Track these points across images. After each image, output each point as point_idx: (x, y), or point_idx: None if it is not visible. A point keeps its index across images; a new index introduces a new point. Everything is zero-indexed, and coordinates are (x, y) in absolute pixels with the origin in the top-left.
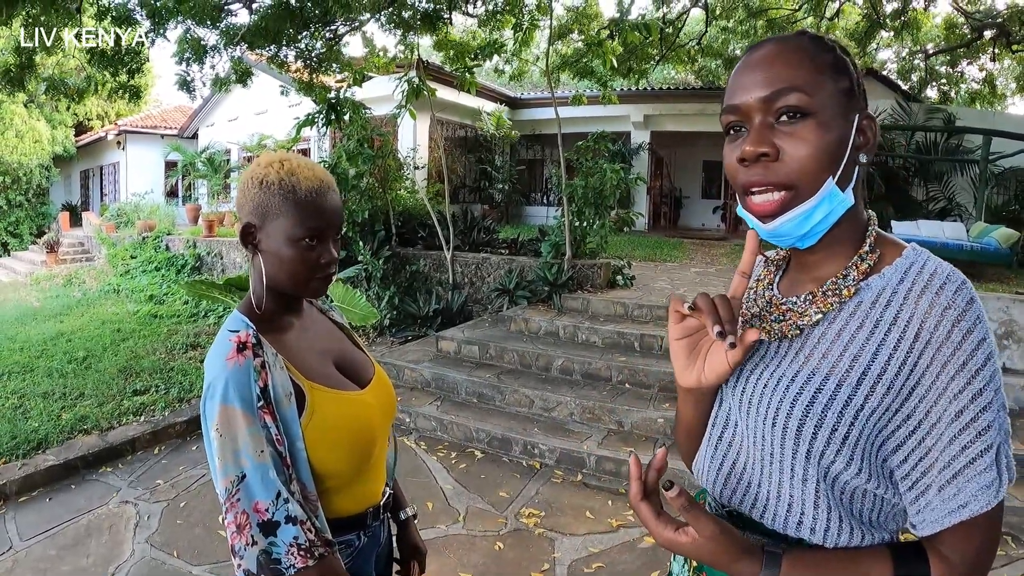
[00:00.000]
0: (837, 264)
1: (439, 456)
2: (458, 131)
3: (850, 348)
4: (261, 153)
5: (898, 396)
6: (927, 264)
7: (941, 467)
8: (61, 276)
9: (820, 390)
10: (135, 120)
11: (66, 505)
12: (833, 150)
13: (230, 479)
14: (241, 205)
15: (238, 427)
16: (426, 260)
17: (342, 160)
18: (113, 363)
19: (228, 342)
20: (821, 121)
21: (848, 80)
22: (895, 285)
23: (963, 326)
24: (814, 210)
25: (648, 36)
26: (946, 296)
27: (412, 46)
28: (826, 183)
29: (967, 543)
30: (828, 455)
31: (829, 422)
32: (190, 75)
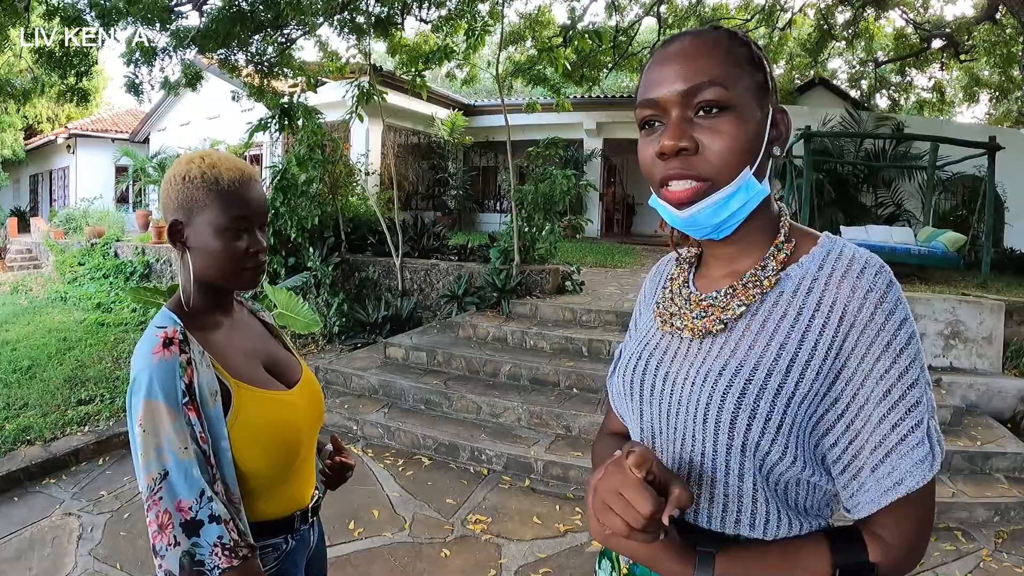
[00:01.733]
0: (753, 256)
1: (386, 464)
2: (411, 137)
3: (776, 337)
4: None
5: (826, 380)
6: (844, 250)
7: (873, 447)
8: (8, 283)
9: (750, 380)
10: (86, 123)
11: (8, 518)
12: (750, 142)
13: (152, 476)
14: (166, 204)
15: (162, 423)
16: (376, 267)
17: (292, 165)
18: (58, 372)
19: (155, 337)
20: (739, 114)
21: (763, 74)
22: (815, 272)
23: (885, 307)
24: (730, 198)
25: (600, 44)
26: (867, 279)
27: (365, 51)
28: (743, 173)
29: (903, 522)
30: (763, 445)
31: (762, 411)
32: (139, 77)
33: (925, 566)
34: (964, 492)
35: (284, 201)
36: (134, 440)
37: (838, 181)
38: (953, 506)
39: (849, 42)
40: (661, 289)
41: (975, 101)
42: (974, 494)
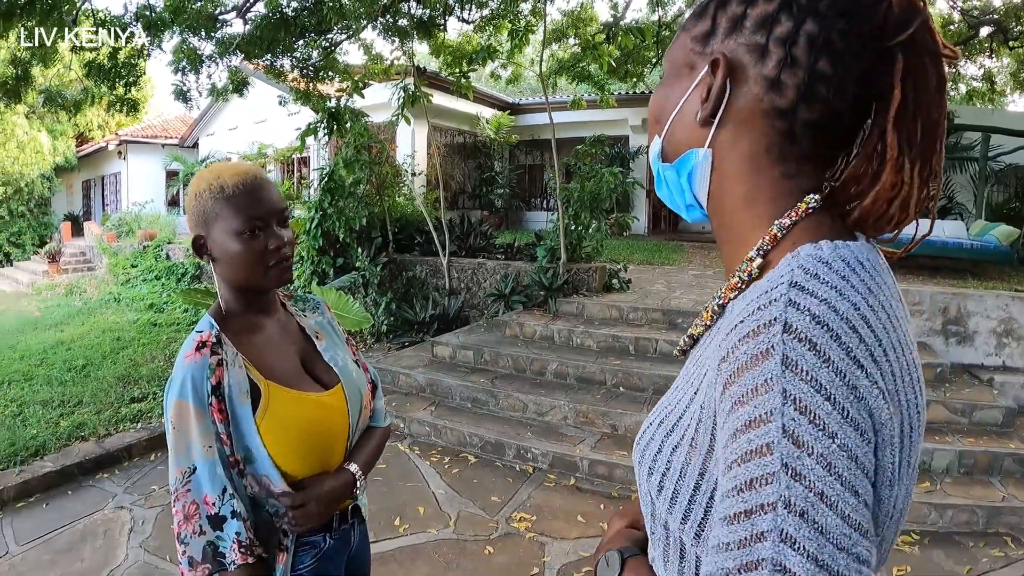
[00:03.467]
0: (736, 268)
1: (432, 461)
2: (456, 137)
3: (684, 386)
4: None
5: (702, 454)
6: (767, 283)
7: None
8: (62, 286)
9: (650, 426)
10: (136, 130)
11: (62, 511)
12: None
13: (182, 470)
14: (188, 223)
15: (190, 422)
16: (423, 266)
17: (339, 167)
18: (112, 371)
19: (191, 341)
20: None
21: (708, 22)
22: (734, 313)
23: (734, 391)
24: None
25: (643, 40)
26: (733, 337)
27: (409, 53)
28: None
29: None
30: (652, 496)
31: (646, 463)
32: (187, 85)
33: (973, 572)
34: (1015, 496)
35: (332, 202)
36: (168, 436)
37: None
38: (1003, 511)
39: None
40: None
41: None
42: None
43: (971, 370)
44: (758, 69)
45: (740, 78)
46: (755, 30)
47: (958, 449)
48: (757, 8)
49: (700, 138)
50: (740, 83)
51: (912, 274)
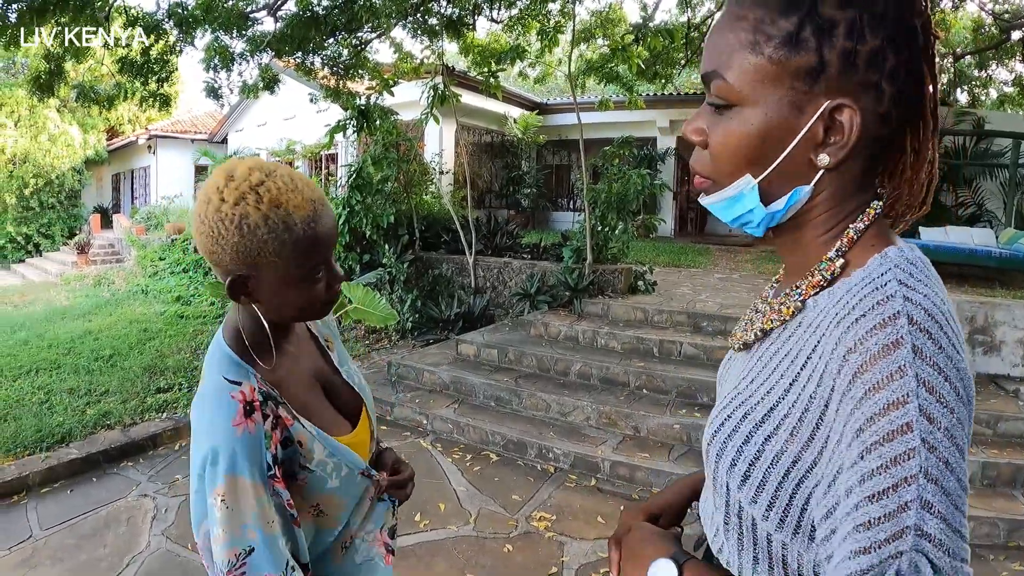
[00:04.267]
0: (803, 271)
1: (454, 458)
2: (484, 136)
3: (771, 378)
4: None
5: (805, 444)
6: (872, 279)
7: (842, 537)
8: (91, 277)
9: (730, 418)
10: (165, 125)
11: (86, 497)
12: (754, 146)
13: (235, 552)
14: (211, 251)
15: (247, 499)
16: (449, 264)
17: (367, 164)
18: (138, 361)
19: (232, 400)
20: (745, 111)
21: (810, 55)
22: (832, 307)
23: (867, 379)
24: (732, 202)
25: (672, 42)
26: (856, 333)
27: (438, 52)
28: (740, 180)
29: None
30: (732, 489)
31: (729, 455)
32: (218, 82)
33: None
34: None
35: (360, 199)
36: (211, 511)
37: None
38: None
39: None
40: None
41: None
42: None
43: (997, 380)
44: (873, 107)
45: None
46: (868, 67)
47: (982, 460)
48: (867, 44)
49: (807, 176)
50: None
51: None
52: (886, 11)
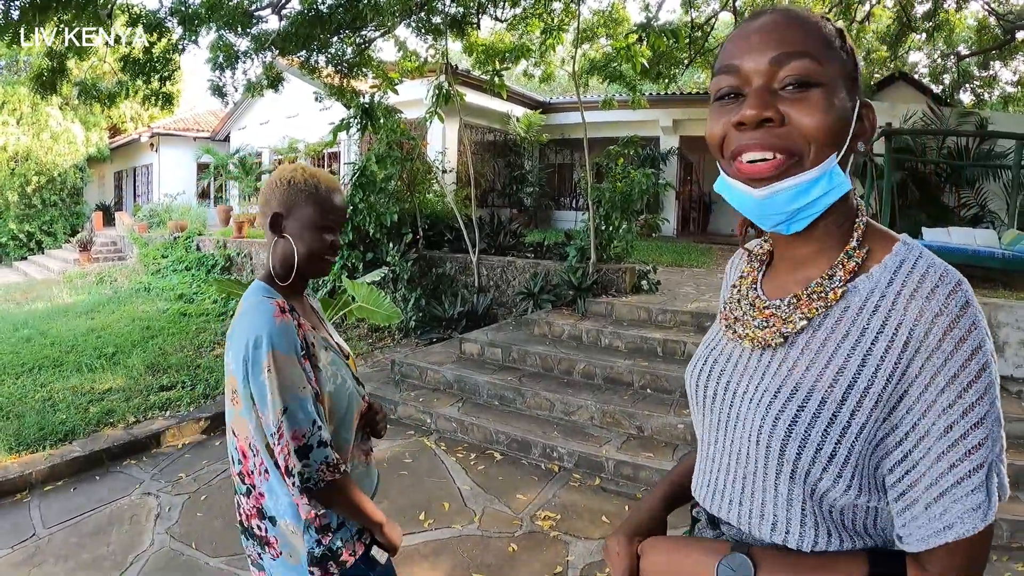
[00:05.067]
0: (824, 261)
1: (458, 457)
2: (487, 135)
3: (835, 360)
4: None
5: (886, 407)
6: (918, 263)
7: (928, 483)
8: (93, 274)
9: (803, 408)
10: (168, 123)
11: (89, 495)
12: (839, 126)
13: (279, 410)
14: (268, 200)
15: (284, 368)
16: (452, 263)
17: (371, 163)
18: (141, 359)
19: (271, 304)
20: (830, 93)
21: (853, 63)
22: (884, 288)
23: (955, 334)
24: (814, 183)
25: (676, 41)
26: (938, 301)
27: (442, 51)
28: (830, 158)
29: (950, 560)
30: (814, 473)
31: (814, 441)
32: (222, 81)
33: None
34: None
35: (363, 198)
36: (262, 385)
37: (920, 180)
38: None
39: (929, 35)
40: (731, 287)
41: None
42: None
43: (1000, 382)
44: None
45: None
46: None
47: None
48: (857, 69)
49: (847, 159)
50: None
51: None
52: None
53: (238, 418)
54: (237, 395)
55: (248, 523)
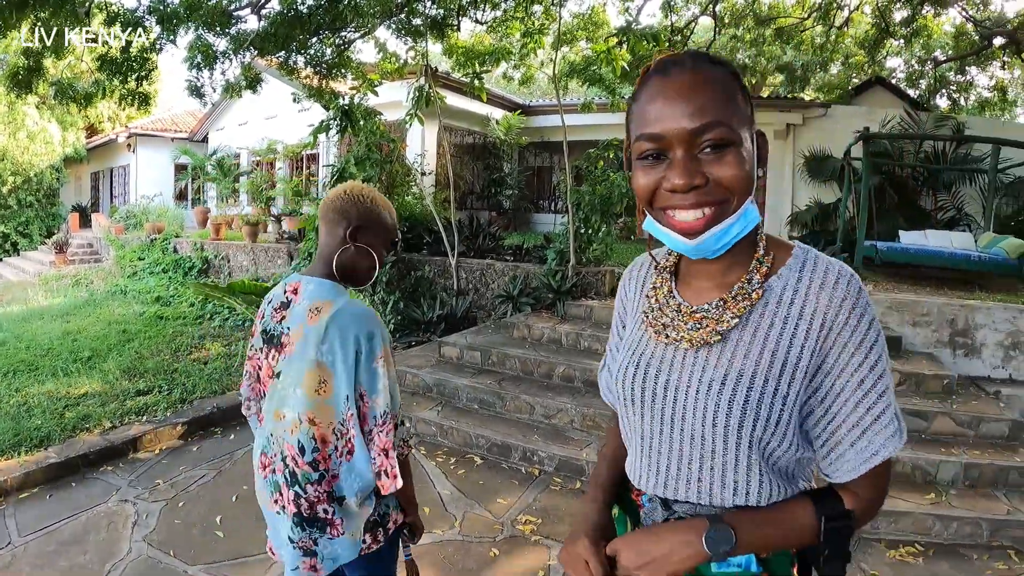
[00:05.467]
0: (737, 270)
1: (438, 461)
2: (466, 137)
3: (768, 346)
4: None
5: (809, 376)
6: (818, 262)
7: (851, 426)
8: (69, 276)
9: (751, 388)
10: (145, 123)
11: (66, 502)
12: (750, 173)
13: (387, 399)
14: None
15: (390, 358)
16: (431, 266)
17: (350, 165)
18: (117, 363)
19: (364, 306)
20: (739, 148)
21: (749, 103)
22: (795, 284)
23: (857, 312)
24: (732, 227)
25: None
26: (841, 289)
27: (422, 52)
28: (746, 203)
29: (874, 480)
30: (766, 439)
31: (764, 414)
32: (200, 81)
33: None
34: (1020, 509)
35: None
36: (374, 373)
37: (898, 184)
38: (1008, 524)
39: (907, 40)
40: (645, 298)
41: None
42: None
43: (978, 382)
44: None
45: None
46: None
47: (964, 461)
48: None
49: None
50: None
51: (919, 285)
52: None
53: (323, 407)
54: (327, 384)
55: (311, 511)
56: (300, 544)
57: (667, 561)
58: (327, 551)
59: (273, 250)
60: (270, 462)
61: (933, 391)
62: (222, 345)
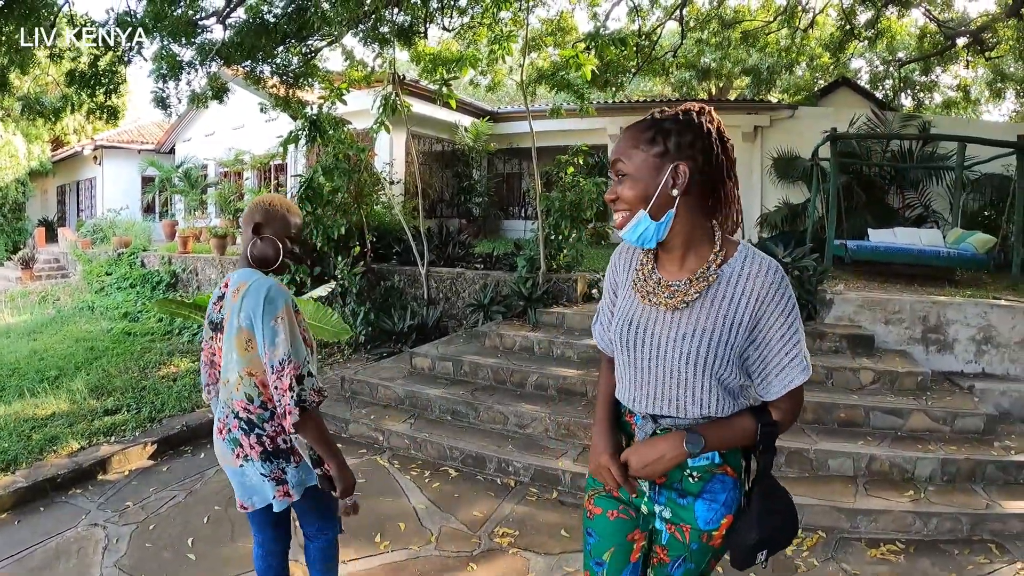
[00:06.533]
0: (698, 259)
1: (412, 475)
2: (435, 145)
3: (720, 311)
4: (235, 168)
5: (747, 331)
6: (755, 256)
7: (776, 363)
8: (36, 293)
9: (710, 339)
10: (112, 135)
11: (34, 528)
12: (643, 195)
13: (287, 348)
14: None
15: (291, 318)
16: (401, 276)
17: (318, 175)
18: (85, 382)
19: (271, 281)
20: (633, 179)
21: (660, 147)
22: (739, 272)
23: (780, 291)
24: (635, 227)
25: (624, 50)
26: (770, 275)
27: (389, 60)
28: (638, 213)
29: (790, 400)
30: (720, 371)
31: (722, 355)
32: (166, 92)
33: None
34: (998, 503)
35: (310, 211)
36: (273, 329)
37: (866, 183)
38: (987, 518)
39: (871, 41)
40: (634, 271)
41: (1001, 99)
42: (1009, 506)
43: (951, 378)
44: (695, 165)
45: (691, 171)
46: (689, 149)
47: (941, 457)
48: (686, 138)
49: (671, 204)
50: (691, 174)
51: (890, 282)
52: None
53: (255, 360)
54: (253, 342)
55: (274, 444)
56: (272, 476)
57: (661, 461)
58: (294, 478)
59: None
60: (224, 424)
61: (908, 388)
62: (191, 361)
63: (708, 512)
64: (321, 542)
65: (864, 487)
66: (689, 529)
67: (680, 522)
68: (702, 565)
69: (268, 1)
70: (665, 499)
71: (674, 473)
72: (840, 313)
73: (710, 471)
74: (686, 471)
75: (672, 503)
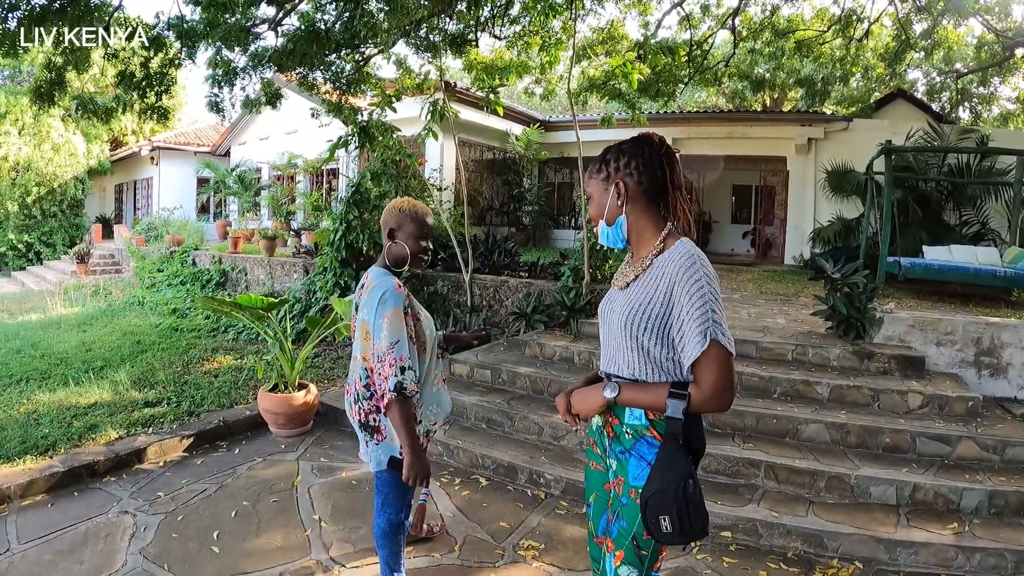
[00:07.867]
0: (646, 251)
1: (442, 482)
2: (485, 153)
3: (647, 291)
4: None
5: (665, 307)
6: (682, 248)
7: (687, 334)
8: (89, 287)
9: (638, 312)
10: (169, 137)
11: (67, 511)
12: (599, 209)
13: (392, 341)
14: (387, 221)
15: (398, 319)
16: (445, 281)
17: (366, 180)
18: (129, 374)
19: (392, 281)
20: (593, 200)
21: (605, 172)
22: (667, 261)
23: (688, 273)
24: (602, 234)
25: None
26: (682, 261)
27: (440, 68)
28: (600, 222)
29: (707, 376)
30: (643, 339)
31: (644, 324)
32: (220, 97)
33: None
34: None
35: (357, 215)
36: (379, 325)
37: (921, 198)
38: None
39: (928, 52)
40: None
41: None
42: None
43: (1004, 404)
44: (633, 180)
45: (629, 185)
46: (627, 169)
47: (988, 488)
48: (623, 161)
49: (620, 212)
50: (630, 187)
51: (944, 302)
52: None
53: (368, 349)
54: (369, 333)
55: (366, 419)
56: (364, 442)
57: (586, 400)
58: (374, 453)
59: (289, 264)
60: (350, 388)
61: (957, 413)
62: (234, 358)
63: (637, 468)
64: (381, 521)
65: (906, 517)
66: (623, 483)
67: (619, 475)
68: (633, 527)
69: (320, 8)
70: (613, 454)
71: (617, 427)
72: (890, 333)
73: (639, 431)
74: (624, 428)
75: (616, 457)
